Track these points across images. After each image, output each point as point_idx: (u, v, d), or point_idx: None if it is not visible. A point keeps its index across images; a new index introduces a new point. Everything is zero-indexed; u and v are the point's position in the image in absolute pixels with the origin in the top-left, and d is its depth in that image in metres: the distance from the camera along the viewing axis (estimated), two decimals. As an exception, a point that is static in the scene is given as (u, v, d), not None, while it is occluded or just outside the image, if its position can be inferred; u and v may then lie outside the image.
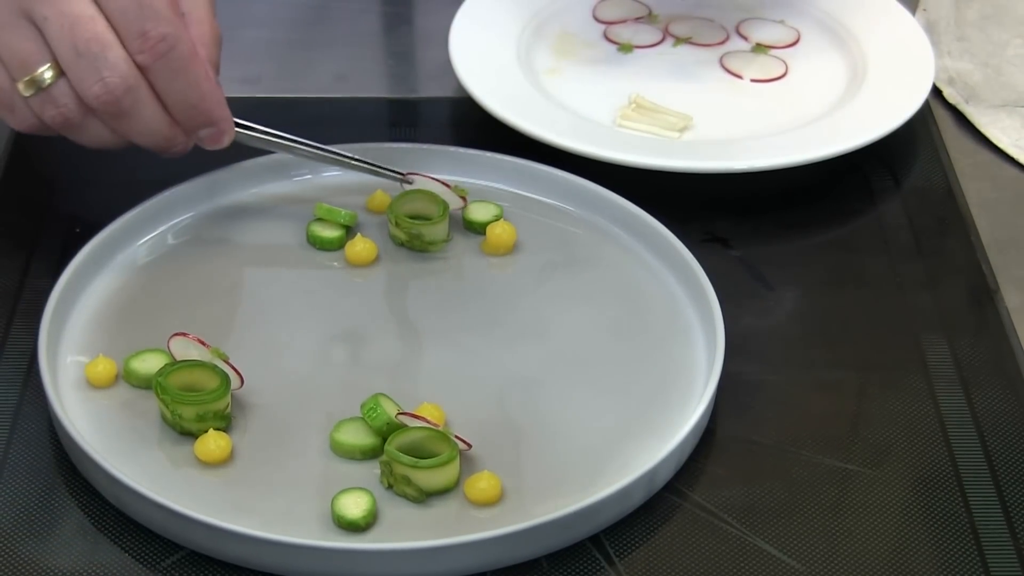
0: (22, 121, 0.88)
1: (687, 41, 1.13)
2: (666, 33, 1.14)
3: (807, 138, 1.02)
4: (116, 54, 0.84)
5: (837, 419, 0.87)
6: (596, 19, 1.15)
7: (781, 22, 1.15)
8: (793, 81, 1.10)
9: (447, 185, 0.96)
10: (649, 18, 1.15)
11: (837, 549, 0.80)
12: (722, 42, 1.13)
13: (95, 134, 0.88)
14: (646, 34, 1.14)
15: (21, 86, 0.85)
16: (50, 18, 0.83)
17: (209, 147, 0.91)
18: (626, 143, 1.01)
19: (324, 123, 1.06)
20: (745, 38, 1.14)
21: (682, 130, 1.04)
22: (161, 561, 0.78)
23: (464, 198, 0.97)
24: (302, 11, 1.17)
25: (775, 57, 1.11)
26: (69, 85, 0.85)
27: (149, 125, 0.87)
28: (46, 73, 0.85)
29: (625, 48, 1.13)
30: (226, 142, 0.91)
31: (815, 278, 0.96)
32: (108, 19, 0.84)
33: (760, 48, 1.12)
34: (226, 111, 0.90)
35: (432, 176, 0.96)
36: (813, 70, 1.11)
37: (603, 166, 0.99)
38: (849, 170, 1.03)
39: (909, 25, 1.12)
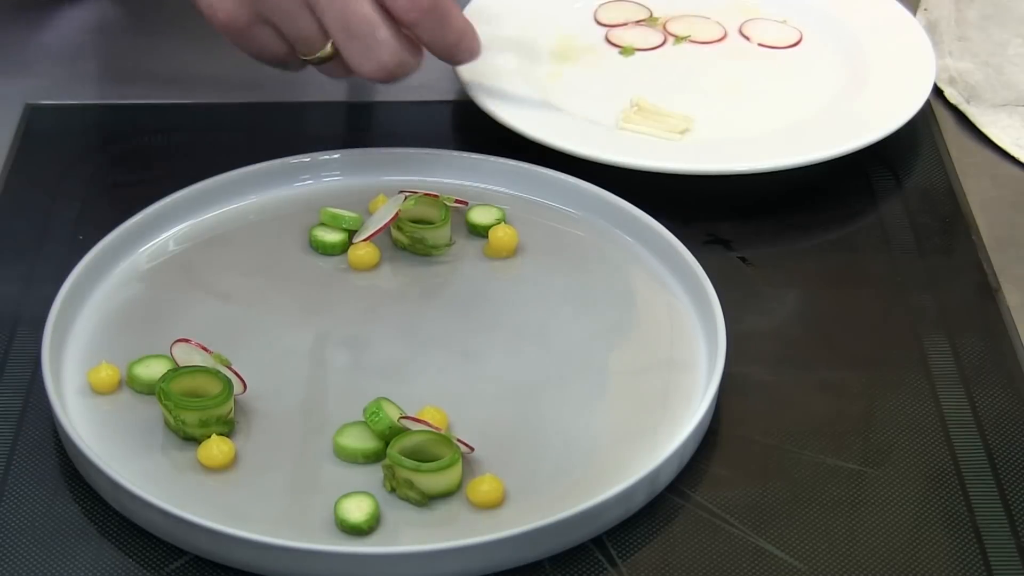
0: (292, 68, 0.97)
1: (686, 39, 1.13)
2: (666, 34, 1.14)
3: (809, 139, 1.02)
4: (384, 33, 0.91)
5: (839, 419, 0.87)
6: (597, 22, 1.15)
7: (783, 22, 1.15)
8: (794, 81, 1.10)
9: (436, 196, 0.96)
10: (650, 20, 1.15)
11: (840, 549, 0.80)
12: (720, 39, 1.14)
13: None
14: (647, 36, 1.14)
15: (305, 59, 0.94)
16: (324, 4, 0.90)
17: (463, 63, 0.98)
18: (628, 146, 1.01)
19: (325, 127, 1.07)
20: (747, 38, 1.14)
21: (684, 132, 1.04)
22: (165, 566, 0.79)
23: (464, 203, 0.97)
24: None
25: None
26: (343, 61, 0.93)
27: (408, 71, 0.94)
28: (326, 50, 0.93)
29: (627, 51, 1.13)
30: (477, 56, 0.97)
31: (816, 278, 0.97)
32: None
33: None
34: (478, 40, 0.96)
35: (424, 191, 0.97)
36: (814, 70, 1.11)
37: (604, 169, 0.99)
38: (850, 170, 1.03)
39: (910, 25, 1.12)
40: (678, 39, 1.14)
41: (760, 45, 1.13)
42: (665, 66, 1.12)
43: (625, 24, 1.15)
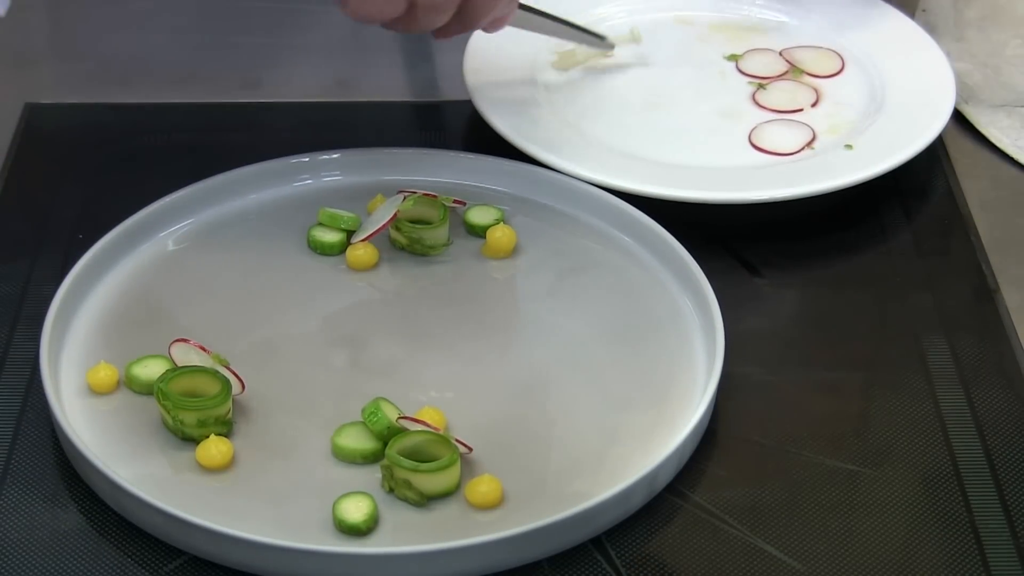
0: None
1: (749, 74, 1.11)
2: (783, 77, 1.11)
3: (825, 166, 1.00)
4: None
5: (838, 419, 0.87)
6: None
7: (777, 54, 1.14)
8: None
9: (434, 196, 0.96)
10: (793, 72, 1.11)
11: (838, 549, 0.80)
12: (780, 76, 1.11)
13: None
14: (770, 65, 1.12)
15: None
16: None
17: (491, 31, 0.96)
18: (640, 172, 0.99)
19: (325, 127, 1.07)
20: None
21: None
22: (163, 566, 0.79)
23: (463, 202, 0.97)
24: (303, 16, 1.18)
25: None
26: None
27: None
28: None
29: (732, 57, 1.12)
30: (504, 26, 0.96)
31: (816, 278, 0.97)
32: None
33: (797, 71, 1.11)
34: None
35: (423, 191, 0.96)
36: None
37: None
38: (850, 171, 1.03)
39: (932, 53, 1.10)
40: (731, 56, 1.12)
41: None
42: (707, 85, 1.10)
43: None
